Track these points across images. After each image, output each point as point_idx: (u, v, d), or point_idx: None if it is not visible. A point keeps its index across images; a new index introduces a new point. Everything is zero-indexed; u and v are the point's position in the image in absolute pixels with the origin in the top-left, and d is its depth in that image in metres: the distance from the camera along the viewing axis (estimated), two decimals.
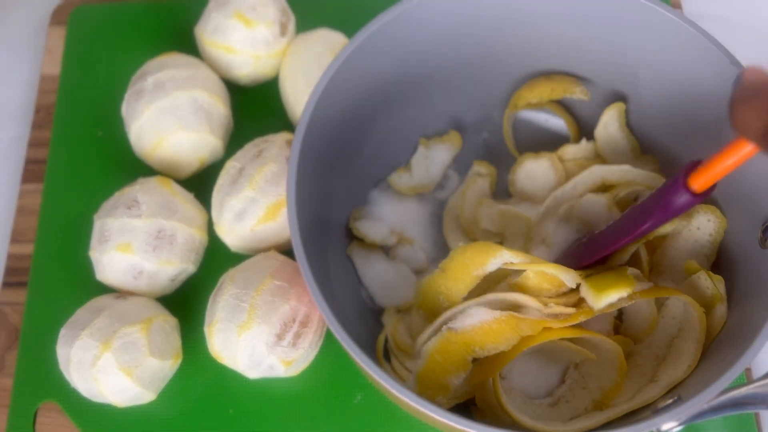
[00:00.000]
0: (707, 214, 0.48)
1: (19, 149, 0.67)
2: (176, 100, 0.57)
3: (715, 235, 0.48)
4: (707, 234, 0.48)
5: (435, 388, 0.45)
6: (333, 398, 0.55)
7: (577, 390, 0.47)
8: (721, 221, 0.48)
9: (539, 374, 0.48)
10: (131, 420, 0.54)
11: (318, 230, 0.51)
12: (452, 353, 0.44)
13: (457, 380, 0.44)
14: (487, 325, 0.44)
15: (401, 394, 0.38)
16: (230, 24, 0.60)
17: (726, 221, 0.48)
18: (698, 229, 0.49)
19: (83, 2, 0.71)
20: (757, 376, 0.51)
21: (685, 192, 0.40)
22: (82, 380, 0.51)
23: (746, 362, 0.38)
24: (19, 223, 0.63)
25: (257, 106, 0.65)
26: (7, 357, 0.58)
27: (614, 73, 0.54)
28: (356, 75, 0.48)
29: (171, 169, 0.60)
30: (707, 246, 0.49)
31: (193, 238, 0.55)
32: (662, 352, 0.47)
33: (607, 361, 0.46)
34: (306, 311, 0.50)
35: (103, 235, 0.54)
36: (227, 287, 0.51)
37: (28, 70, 0.70)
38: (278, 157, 0.54)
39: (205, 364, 0.55)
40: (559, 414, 0.47)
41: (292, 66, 0.60)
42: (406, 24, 0.48)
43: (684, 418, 0.38)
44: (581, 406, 0.47)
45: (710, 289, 0.46)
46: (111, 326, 0.50)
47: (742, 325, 0.42)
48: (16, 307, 0.60)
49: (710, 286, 0.46)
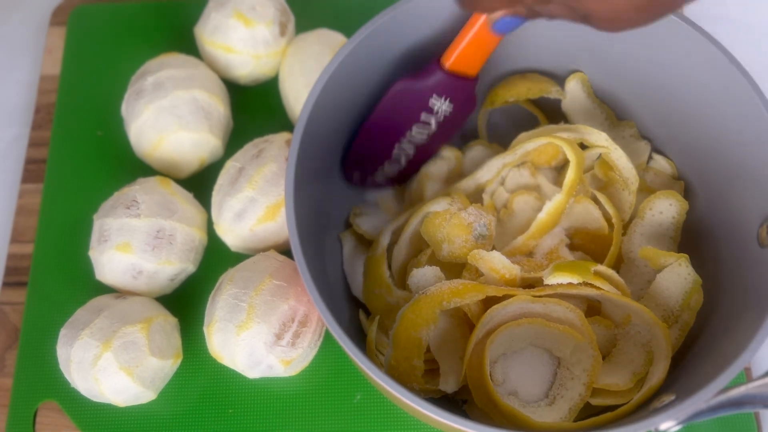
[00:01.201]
0: (669, 199, 0.51)
1: (19, 149, 0.67)
2: (176, 99, 0.57)
3: (678, 217, 0.51)
4: (670, 217, 0.51)
5: (410, 347, 0.45)
6: (332, 398, 0.55)
7: (567, 382, 0.48)
8: (682, 204, 0.51)
9: (532, 377, 0.49)
10: (131, 419, 0.55)
11: (316, 230, 0.51)
12: (422, 309, 0.46)
13: (428, 333, 0.46)
14: (454, 286, 0.47)
15: (400, 394, 0.38)
16: (230, 24, 0.60)
17: (687, 203, 0.51)
18: (661, 213, 0.51)
19: (83, 2, 0.71)
20: (756, 375, 0.51)
21: (438, 69, 0.48)
22: (82, 380, 0.51)
23: (745, 361, 0.38)
24: (19, 223, 0.63)
25: (257, 106, 0.65)
26: (7, 357, 0.58)
27: (601, 75, 0.54)
28: (354, 74, 0.48)
29: (171, 169, 0.60)
30: (671, 228, 0.51)
31: (193, 237, 0.55)
32: (646, 339, 0.47)
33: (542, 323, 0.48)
34: (305, 311, 0.50)
35: (102, 235, 0.54)
36: (226, 287, 0.51)
37: (28, 70, 0.71)
38: (278, 157, 0.54)
39: (205, 364, 0.55)
40: (558, 411, 0.47)
41: (292, 66, 0.60)
42: (404, 23, 0.48)
43: (682, 418, 0.38)
44: (575, 394, 0.47)
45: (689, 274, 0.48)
46: (111, 326, 0.50)
47: (741, 324, 0.42)
48: (16, 307, 0.60)
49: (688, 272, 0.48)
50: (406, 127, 0.52)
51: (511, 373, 0.49)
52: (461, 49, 0.47)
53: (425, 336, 0.45)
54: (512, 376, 0.49)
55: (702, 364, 0.44)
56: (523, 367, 0.49)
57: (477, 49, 0.47)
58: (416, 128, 0.52)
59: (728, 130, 0.47)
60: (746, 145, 0.46)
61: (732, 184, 0.48)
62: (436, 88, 0.49)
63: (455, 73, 0.49)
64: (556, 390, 0.48)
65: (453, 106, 0.51)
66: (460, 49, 0.47)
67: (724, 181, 0.49)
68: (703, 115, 0.49)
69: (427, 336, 0.46)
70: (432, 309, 0.46)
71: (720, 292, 0.47)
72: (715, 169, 0.49)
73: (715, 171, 0.49)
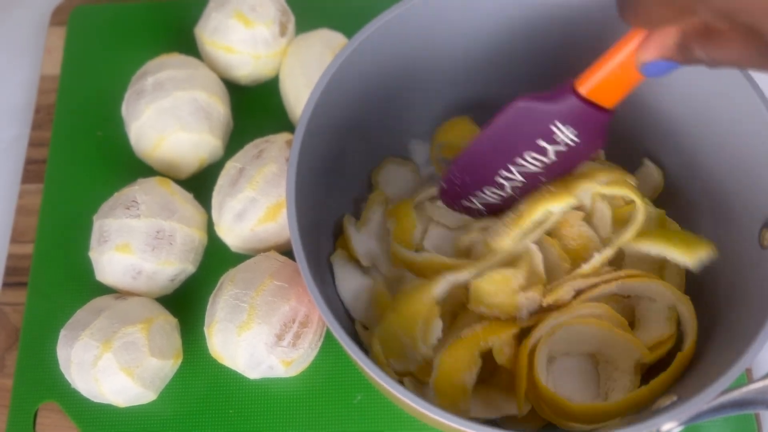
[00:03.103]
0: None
1: (19, 149, 0.67)
2: (176, 100, 0.57)
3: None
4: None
5: (454, 393, 0.45)
6: (333, 398, 0.55)
7: (612, 373, 0.48)
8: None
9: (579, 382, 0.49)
10: (131, 420, 0.54)
11: (318, 231, 0.51)
12: (460, 353, 0.45)
13: (471, 377, 0.45)
14: (487, 325, 0.46)
15: (401, 394, 0.38)
16: (230, 24, 0.60)
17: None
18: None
19: (83, 2, 0.71)
20: (757, 376, 0.51)
21: (571, 94, 0.40)
22: (82, 381, 0.51)
23: (746, 362, 0.38)
24: (19, 223, 0.63)
25: (257, 106, 0.65)
26: (7, 357, 0.58)
27: None
28: (356, 75, 0.48)
29: (171, 170, 0.60)
30: None
31: (192, 238, 0.55)
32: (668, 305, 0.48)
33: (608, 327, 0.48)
34: (306, 311, 0.50)
35: (102, 236, 0.54)
36: (227, 287, 0.51)
37: (28, 70, 0.70)
38: (278, 158, 0.54)
39: (205, 365, 0.55)
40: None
41: (292, 66, 0.60)
42: (406, 24, 0.48)
43: (684, 419, 0.38)
44: (627, 383, 0.47)
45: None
46: (111, 326, 0.50)
47: (742, 325, 0.42)
48: (16, 307, 0.60)
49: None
50: (519, 152, 0.45)
51: (559, 383, 0.49)
52: (603, 75, 0.39)
53: (469, 380, 0.45)
54: (561, 384, 0.49)
55: (703, 365, 0.44)
56: (567, 377, 0.49)
57: (620, 79, 0.39)
58: (530, 155, 0.45)
59: (729, 131, 0.47)
60: (747, 146, 0.46)
61: (733, 185, 0.48)
62: (563, 114, 0.41)
63: (589, 102, 0.41)
64: (605, 386, 0.48)
65: (579, 139, 0.43)
66: (602, 76, 0.39)
67: (724, 182, 0.49)
68: (704, 115, 0.49)
69: (471, 380, 0.45)
70: (471, 352, 0.45)
71: (721, 294, 0.47)
72: (715, 170, 0.49)
73: (716, 172, 0.49)
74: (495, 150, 0.46)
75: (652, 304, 0.49)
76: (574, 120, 0.41)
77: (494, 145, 0.46)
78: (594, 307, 0.47)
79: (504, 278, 0.46)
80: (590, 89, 0.40)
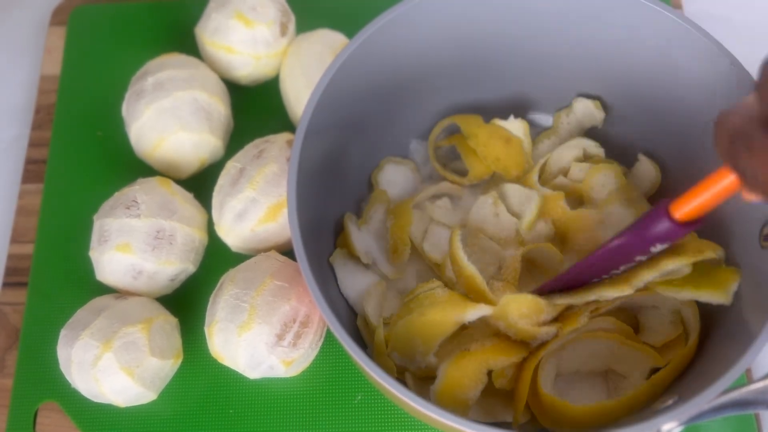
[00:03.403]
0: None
1: (19, 149, 0.67)
2: (176, 100, 0.57)
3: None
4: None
5: (454, 404, 0.45)
6: (333, 398, 0.55)
7: (621, 382, 0.49)
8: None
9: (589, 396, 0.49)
10: (132, 420, 0.54)
11: (318, 231, 0.51)
12: (468, 367, 0.45)
13: (475, 395, 0.45)
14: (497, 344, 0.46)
15: (401, 394, 0.38)
16: (230, 24, 0.60)
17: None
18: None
19: (83, 2, 0.71)
20: (757, 376, 0.51)
21: (666, 219, 0.40)
22: (83, 381, 0.51)
23: (747, 363, 0.38)
24: (19, 223, 0.63)
25: (257, 106, 0.65)
26: (7, 357, 0.58)
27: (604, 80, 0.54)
28: (356, 75, 0.48)
29: (171, 170, 0.60)
30: None
31: (193, 238, 0.55)
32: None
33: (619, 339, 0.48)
34: (306, 311, 0.50)
35: (102, 236, 0.54)
36: (228, 287, 0.51)
37: (28, 70, 0.70)
38: (279, 158, 0.54)
39: (206, 364, 0.55)
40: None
41: (293, 66, 0.60)
42: (406, 24, 0.48)
43: (684, 419, 0.38)
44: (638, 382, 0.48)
45: None
46: (111, 326, 0.50)
47: (743, 325, 0.42)
48: (16, 307, 0.60)
49: None
50: (613, 268, 0.46)
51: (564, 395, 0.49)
52: (700, 202, 0.39)
53: (472, 397, 0.45)
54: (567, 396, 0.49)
55: (704, 365, 0.44)
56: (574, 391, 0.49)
57: (717, 201, 0.39)
58: (624, 266, 0.46)
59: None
60: None
61: None
62: (660, 237, 0.42)
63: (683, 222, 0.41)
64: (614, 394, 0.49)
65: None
66: (698, 203, 0.39)
67: None
68: (704, 115, 0.49)
69: (474, 396, 0.45)
70: (479, 369, 0.45)
71: None
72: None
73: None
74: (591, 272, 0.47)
75: (656, 311, 0.49)
76: (670, 237, 0.42)
77: (591, 269, 0.47)
78: (601, 321, 0.47)
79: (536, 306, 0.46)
80: (686, 215, 0.40)
